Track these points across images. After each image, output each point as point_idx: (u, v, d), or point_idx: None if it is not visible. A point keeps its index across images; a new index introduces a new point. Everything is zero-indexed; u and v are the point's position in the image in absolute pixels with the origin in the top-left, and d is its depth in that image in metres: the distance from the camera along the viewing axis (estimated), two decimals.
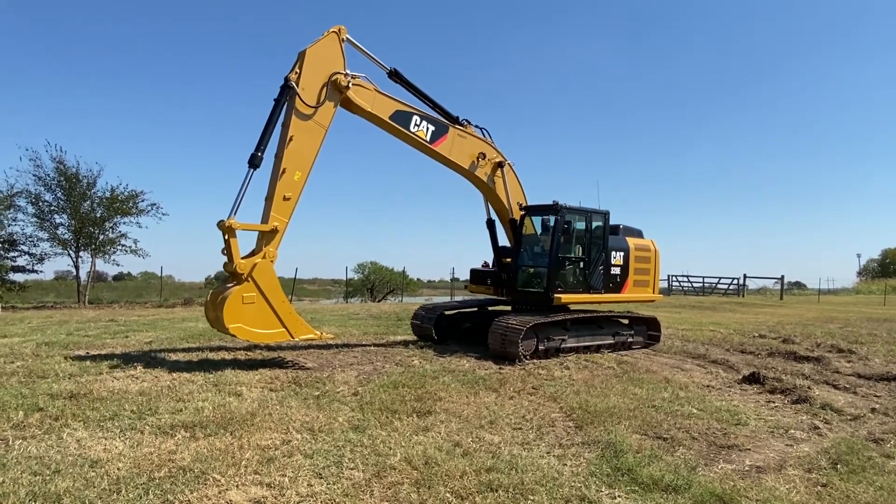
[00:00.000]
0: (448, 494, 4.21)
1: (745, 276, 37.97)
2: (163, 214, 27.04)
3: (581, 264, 10.91)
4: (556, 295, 10.25)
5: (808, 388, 8.19)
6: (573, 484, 4.49)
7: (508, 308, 11.64)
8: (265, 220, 8.33)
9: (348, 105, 9.19)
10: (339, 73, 8.78)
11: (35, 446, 4.91)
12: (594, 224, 11.01)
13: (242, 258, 8.04)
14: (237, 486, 4.25)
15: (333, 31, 8.79)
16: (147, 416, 5.86)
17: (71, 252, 25.69)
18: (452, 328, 11.97)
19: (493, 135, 11.22)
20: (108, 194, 25.39)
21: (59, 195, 24.80)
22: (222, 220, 7.81)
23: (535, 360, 9.66)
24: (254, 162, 8.18)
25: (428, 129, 10.11)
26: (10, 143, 70.80)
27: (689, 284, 39.86)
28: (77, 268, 26.19)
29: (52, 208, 24.98)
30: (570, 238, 10.73)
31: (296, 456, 4.89)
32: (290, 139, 8.35)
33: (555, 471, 4.74)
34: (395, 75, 10.02)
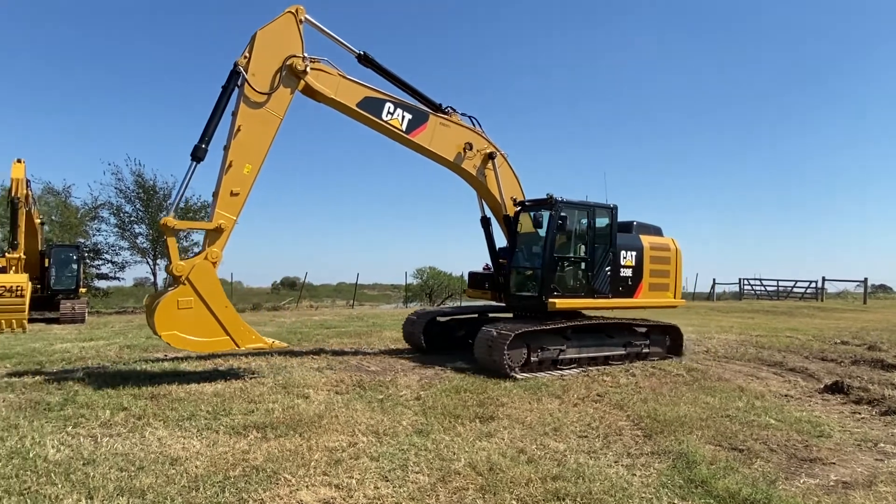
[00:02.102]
0: (514, 501, 4.16)
1: (823, 279, 35.73)
2: None
3: (582, 265, 9.77)
4: (551, 300, 9.13)
5: None
6: (643, 495, 4.35)
7: (510, 315, 10.66)
8: (211, 217, 7.71)
9: (311, 93, 8.44)
10: (295, 56, 8.01)
11: (120, 443, 5.21)
12: (598, 220, 9.83)
13: (181, 260, 7.41)
14: (307, 486, 4.36)
15: (290, 11, 8.02)
16: (221, 416, 6.12)
17: (149, 260, 27.31)
18: (446, 336, 11.13)
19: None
20: (182, 204, 26.80)
21: (137, 206, 26.47)
22: (161, 217, 7.41)
23: (527, 374, 8.69)
24: (197, 154, 7.56)
25: (403, 117, 9.18)
26: (94, 157, 75.79)
27: (763, 288, 37.94)
28: (154, 275, 27.82)
29: (132, 219, 26.66)
30: (568, 236, 9.71)
31: (362, 458, 4.97)
32: (238, 129, 7.68)
33: (624, 481, 4.60)
34: (365, 59, 9.12)
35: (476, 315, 11.42)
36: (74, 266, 19.55)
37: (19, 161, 16.31)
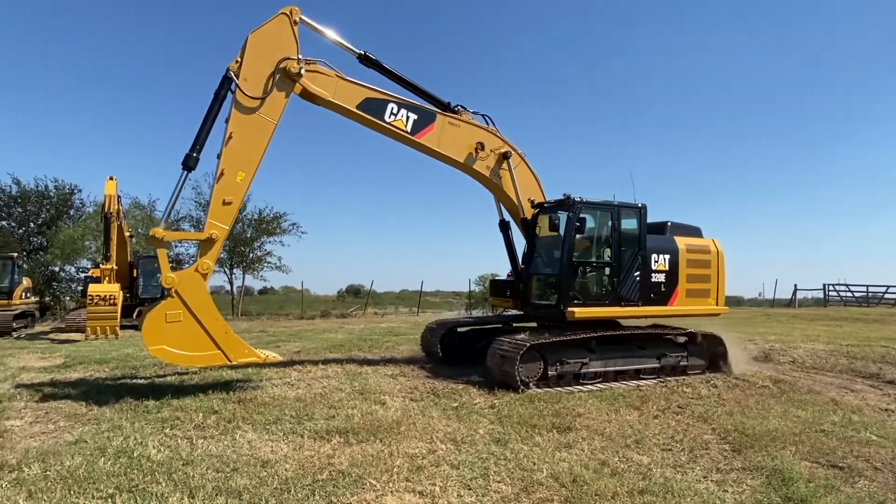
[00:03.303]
0: None
1: None
2: (302, 233, 29.40)
3: (607, 271, 9.05)
4: (570, 308, 8.46)
5: None
6: None
7: (534, 325, 9.97)
8: (202, 227, 7.52)
9: (308, 96, 8.21)
10: (289, 58, 7.72)
11: (214, 445, 5.48)
12: (624, 222, 9.07)
13: (171, 272, 7.30)
14: (391, 492, 4.45)
15: (283, 13, 7.74)
16: (305, 421, 6.33)
17: (226, 270, 28.66)
18: (466, 347, 10.41)
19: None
20: (256, 216, 28.05)
21: None
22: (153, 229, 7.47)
23: (544, 389, 8.14)
24: (188, 163, 7.35)
25: (408, 118, 8.77)
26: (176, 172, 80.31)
27: (850, 294, 35.50)
28: (231, 283, 29.15)
29: None
30: (590, 239, 9.15)
31: (443, 466, 5.02)
32: (230, 137, 7.44)
33: (716, 497, 4.43)
34: (366, 59, 8.79)
35: (500, 325, 10.77)
36: (160, 276, 20.73)
37: (111, 178, 17.48)
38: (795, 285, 34.57)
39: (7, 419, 6.47)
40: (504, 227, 10.30)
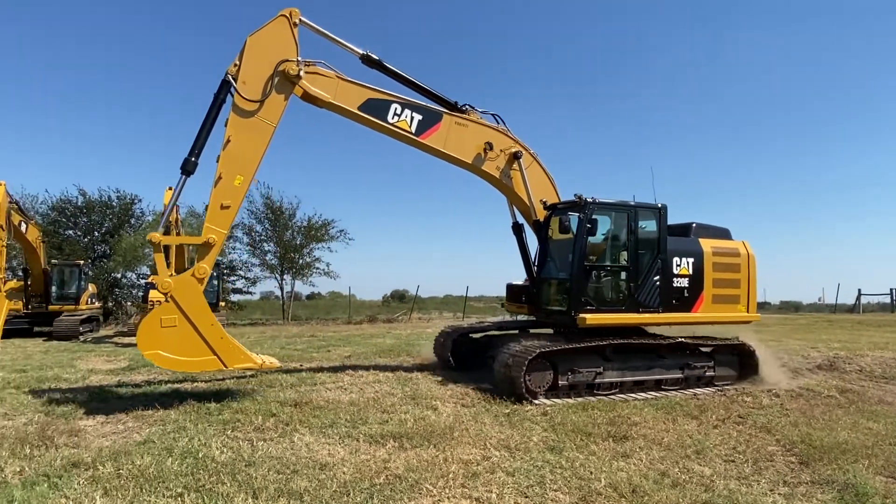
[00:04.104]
0: None
1: None
2: (349, 240, 29.88)
3: (623, 275, 8.67)
4: (581, 315, 8.11)
5: None
6: None
7: (550, 331, 9.52)
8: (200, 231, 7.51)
9: (310, 98, 8.16)
10: (288, 60, 7.65)
11: (274, 447, 5.63)
12: (641, 223, 8.65)
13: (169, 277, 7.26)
14: (448, 497, 4.46)
15: (283, 15, 7.68)
16: (359, 425, 6.43)
17: (277, 275, 29.39)
18: (479, 353, 10.20)
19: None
20: (305, 223, 28.71)
21: (266, 226, 28.61)
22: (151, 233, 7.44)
23: (553, 400, 7.83)
24: (186, 168, 7.37)
25: (412, 118, 8.64)
26: None
27: None
28: (282, 289, 29.88)
29: (262, 238, 28.87)
30: (605, 242, 8.83)
31: (498, 473, 5.00)
32: (228, 140, 7.40)
33: None
34: (368, 60, 8.65)
35: (517, 331, 10.26)
36: (214, 282, 21.45)
37: (170, 188, 18.22)
38: (859, 290, 32.88)
39: (80, 419, 6.82)
40: (517, 229, 10.04)
